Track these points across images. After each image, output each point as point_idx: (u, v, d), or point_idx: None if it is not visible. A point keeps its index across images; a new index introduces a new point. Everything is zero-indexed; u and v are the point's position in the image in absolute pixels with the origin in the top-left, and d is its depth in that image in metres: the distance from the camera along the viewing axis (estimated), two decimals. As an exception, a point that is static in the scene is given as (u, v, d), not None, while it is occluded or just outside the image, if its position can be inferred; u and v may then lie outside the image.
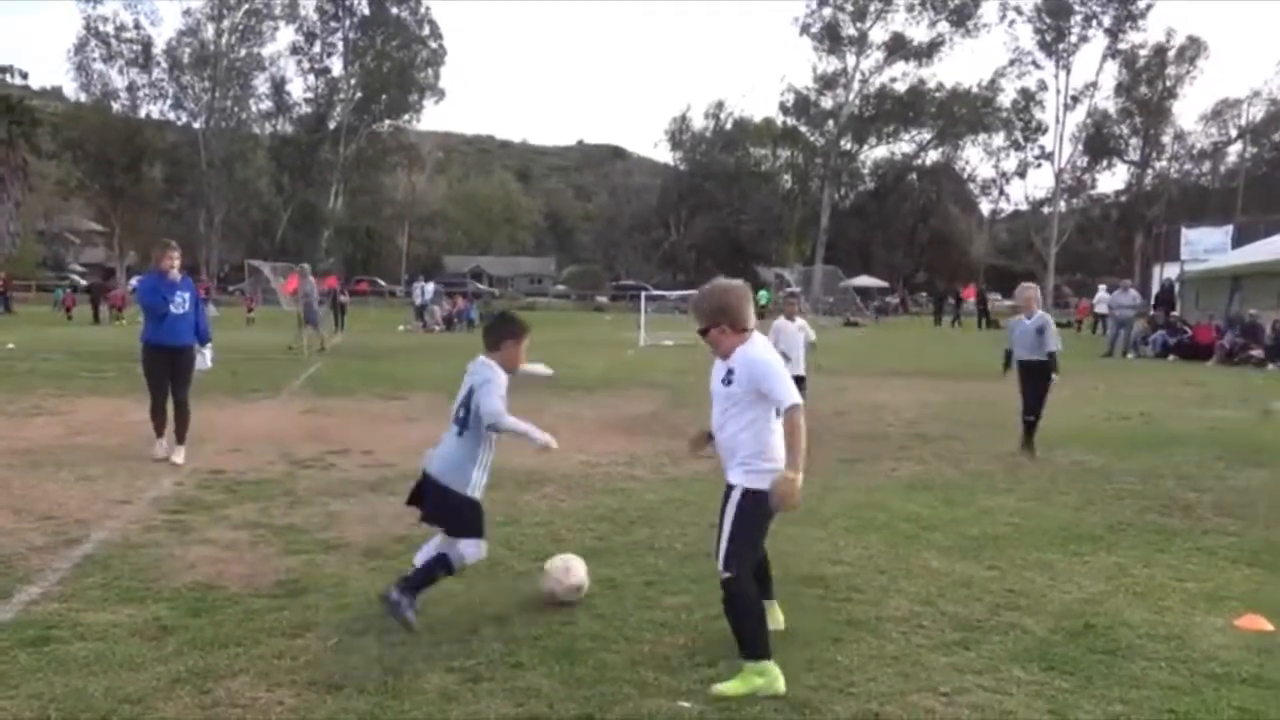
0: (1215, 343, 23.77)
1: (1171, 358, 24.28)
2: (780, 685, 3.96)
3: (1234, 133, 71.55)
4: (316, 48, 72.21)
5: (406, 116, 76.00)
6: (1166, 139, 72.40)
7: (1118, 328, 26.38)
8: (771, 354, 4.28)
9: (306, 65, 72.54)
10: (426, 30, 73.72)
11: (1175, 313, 27.81)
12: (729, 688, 3.95)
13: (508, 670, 4.13)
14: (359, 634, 4.51)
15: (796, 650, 4.40)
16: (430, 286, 39.63)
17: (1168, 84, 68.98)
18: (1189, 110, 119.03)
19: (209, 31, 67.74)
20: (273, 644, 4.37)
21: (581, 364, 19.51)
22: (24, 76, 56.65)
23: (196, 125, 68.76)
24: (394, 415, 12.52)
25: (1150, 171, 73.10)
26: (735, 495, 4.32)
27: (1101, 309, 32.59)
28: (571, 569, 5.09)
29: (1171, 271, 32.43)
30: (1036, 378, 9.82)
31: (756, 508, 4.23)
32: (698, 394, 12.52)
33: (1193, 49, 67.76)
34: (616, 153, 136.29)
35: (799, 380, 10.34)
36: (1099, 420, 12.62)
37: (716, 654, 4.33)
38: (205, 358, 9.45)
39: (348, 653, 4.29)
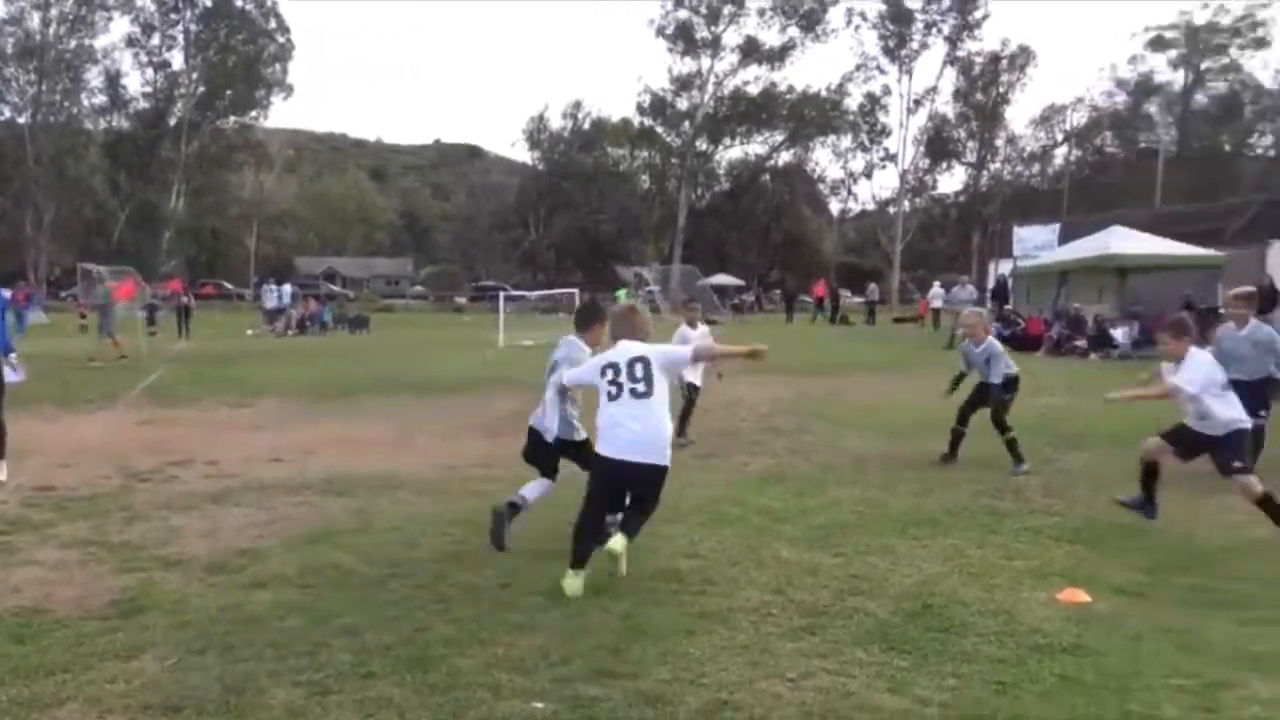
0: (1044, 334, 25.22)
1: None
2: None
3: (1060, 137, 76.06)
4: (155, 40, 68.62)
5: (253, 113, 72.98)
6: (1000, 142, 76.42)
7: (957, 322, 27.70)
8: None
9: (144, 58, 68.88)
10: (273, 23, 70.96)
11: (1009, 306, 29.40)
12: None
13: (358, 681, 4.04)
14: (199, 652, 4.34)
15: (651, 644, 4.46)
16: (287, 289, 38.30)
17: (1001, 90, 72.80)
18: (1020, 115, 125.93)
19: (34, 21, 63.54)
20: (105, 668, 4.16)
21: (440, 366, 19.24)
22: None
23: (21, 120, 64.35)
24: (241, 423, 12.05)
25: (986, 173, 76.96)
26: None
27: (937, 304, 34.13)
28: None
29: (1005, 267, 34.19)
30: (986, 397, 9.56)
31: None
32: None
33: (1023, 57, 71.70)
34: (474, 152, 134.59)
35: (692, 388, 10.38)
36: (939, 412, 13.19)
37: (571, 652, 4.35)
38: (13, 370, 8.80)
39: (187, 672, 4.12)
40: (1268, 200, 28.74)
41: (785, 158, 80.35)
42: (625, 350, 5.47)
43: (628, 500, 5.51)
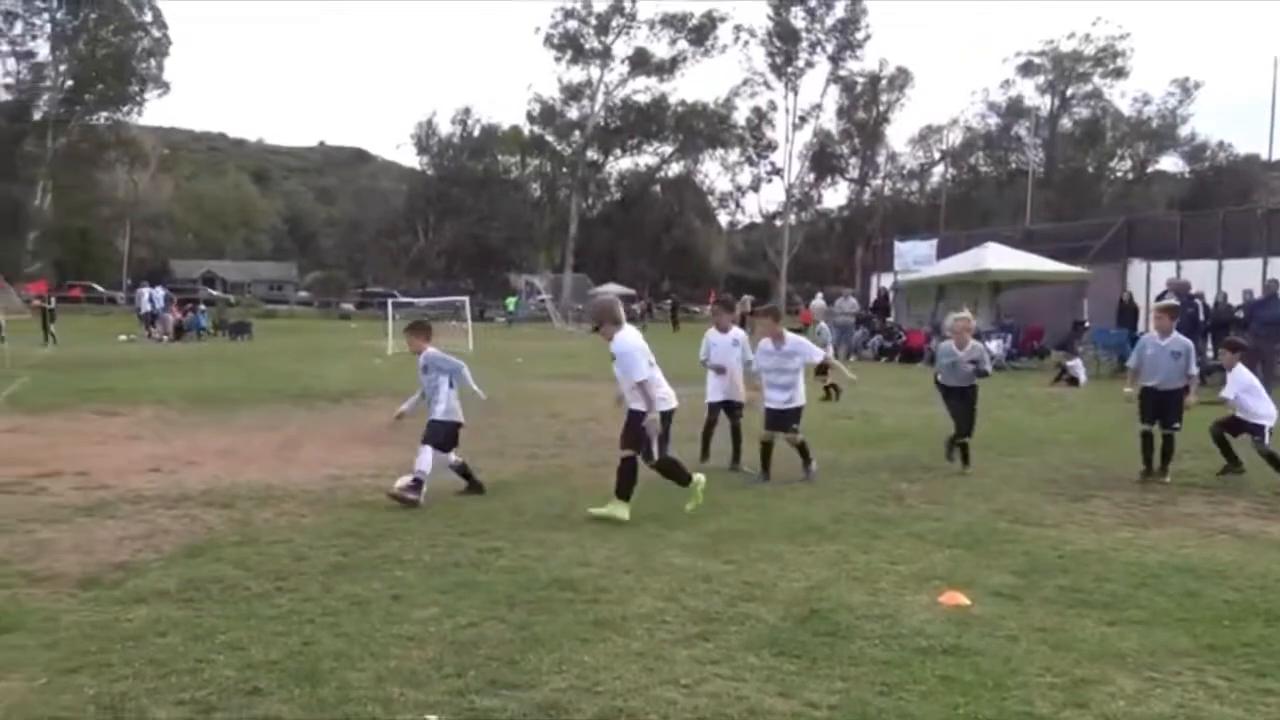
0: (925, 346, 26.11)
1: (883, 359, 26.46)
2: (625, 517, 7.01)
3: (937, 155, 78.98)
4: (18, 28, 65.13)
5: (125, 109, 69.97)
6: (881, 159, 79.04)
7: (840, 333, 28.46)
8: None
9: (6, 48, 65.31)
10: (149, 16, 68.24)
11: (890, 318, 30.35)
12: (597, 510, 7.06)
13: (244, 698, 3.92)
14: (72, 671, 4.13)
15: (545, 653, 4.45)
16: (160, 292, 36.76)
17: (881, 109, 75.27)
18: (900, 134, 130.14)
19: (-117, 4, 59.64)
20: (-33, 691, 3.92)
21: (326, 373, 18.79)
22: None
23: None
24: (114, 432, 11.53)
25: (868, 189, 79.47)
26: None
27: (817, 316, 34.97)
28: None
29: (886, 280, 35.31)
30: (968, 399, 9.70)
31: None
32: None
33: (902, 78, 74.30)
34: (360, 155, 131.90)
35: (731, 405, 9.70)
36: (823, 419, 13.53)
37: (465, 663, 4.30)
38: None
39: (58, 693, 3.92)
40: (1127, 220, 30.40)
41: (675, 169, 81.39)
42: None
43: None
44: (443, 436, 8.00)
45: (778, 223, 76.26)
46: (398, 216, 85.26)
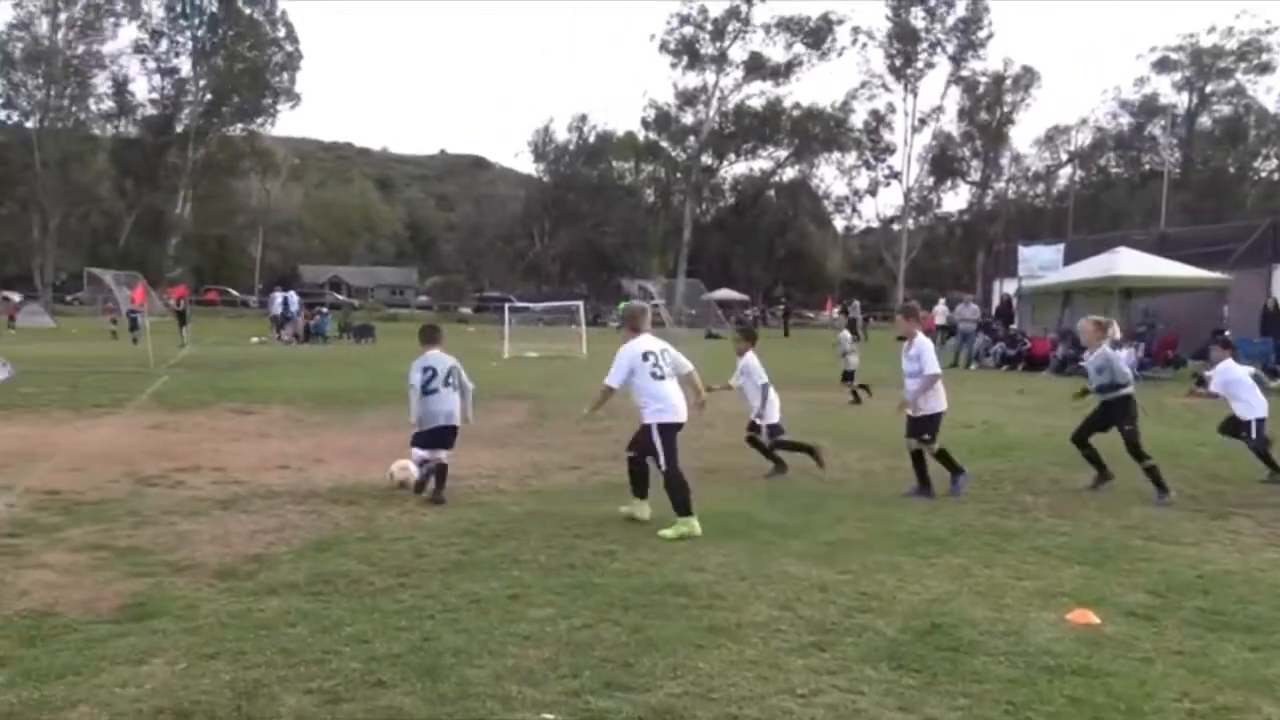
0: (1050, 354, 25.22)
1: (1005, 367, 25.65)
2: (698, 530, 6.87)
3: (1064, 157, 76.26)
4: (163, 46, 68.89)
5: (260, 120, 73.27)
6: (1004, 161, 76.69)
7: (961, 340, 27.72)
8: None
9: (152, 65, 69.11)
10: (282, 32, 71.30)
11: (1014, 325, 29.40)
12: (668, 533, 6.82)
13: (368, 690, 4.04)
14: (210, 657, 4.34)
15: (660, 657, 4.46)
16: (293, 296, 38.39)
17: (1005, 110, 73.04)
18: (1024, 135, 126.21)
19: (43, 26, 63.80)
20: (116, 672, 4.16)
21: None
22: None
23: (29, 125, 64.54)
24: (247, 430, 12.07)
25: (990, 192, 77.20)
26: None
27: (941, 320, 34.15)
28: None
29: (1009, 287, 34.21)
30: (1113, 411, 9.07)
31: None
32: (563, 405, 12.54)
33: (1027, 78, 71.98)
34: (479, 163, 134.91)
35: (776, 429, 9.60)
36: (944, 429, 13.19)
37: (580, 664, 4.34)
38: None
39: (198, 677, 4.12)
40: (1273, 223, 28.70)
41: (790, 173, 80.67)
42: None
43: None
44: (426, 436, 8.24)
45: (895, 227, 74.80)
46: (514, 222, 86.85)
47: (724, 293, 63.86)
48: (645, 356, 7.30)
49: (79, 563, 5.85)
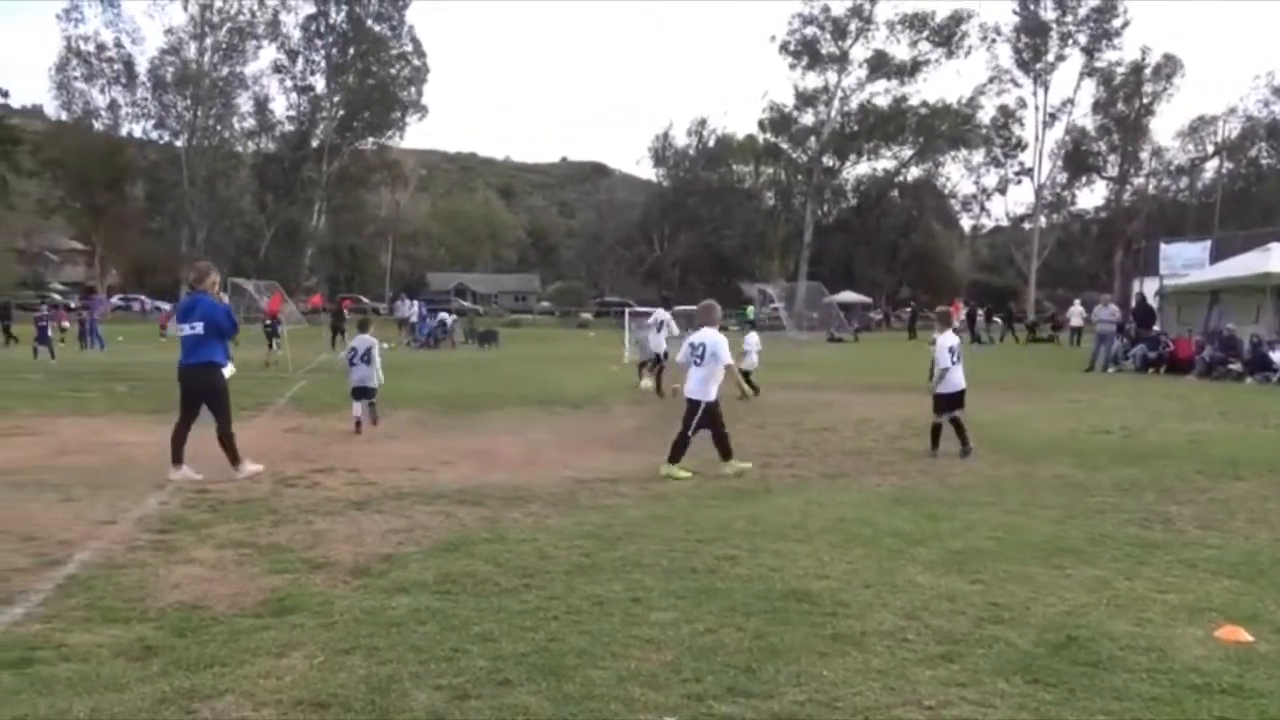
0: (1195, 357, 23.98)
1: (1150, 371, 24.49)
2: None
3: (1211, 149, 72.39)
4: (299, 65, 72.15)
5: (389, 133, 75.96)
6: (1144, 155, 73.31)
7: (1098, 342, 26.59)
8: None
9: (289, 84, 72.48)
10: (409, 46, 73.80)
11: (1156, 327, 28.03)
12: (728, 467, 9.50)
13: (495, 688, 4.13)
14: (345, 652, 4.51)
15: (783, 664, 4.42)
16: (416, 304, 39.81)
17: (1144, 101, 69.85)
18: (1166, 127, 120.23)
19: (191, 50, 67.61)
20: (259, 664, 4.36)
21: (567, 380, 19.54)
22: (4, 95, 56.47)
23: (178, 144, 68.47)
24: (378, 433, 12.50)
25: (1129, 188, 73.92)
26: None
27: (1077, 322, 32.90)
28: None
29: (1150, 286, 32.64)
30: None
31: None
32: (682, 408, 12.55)
33: (1169, 67, 68.68)
34: (599, 169, 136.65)
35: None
36: (1080, 434, 12.72)
37: (703, 669, 4.34)
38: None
39: (334, 671, 4.29)
40: None
41: (914, 173, 78.97)
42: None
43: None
44: (355, 392, 12.79)
45: (1026, 226, 72.38)
46: (634, 228, 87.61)
47: (846, 295, 62.91)
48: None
49: (225, 558, 6.16)
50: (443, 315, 40.24)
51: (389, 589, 5.53)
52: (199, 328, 8.87)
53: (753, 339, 17.19)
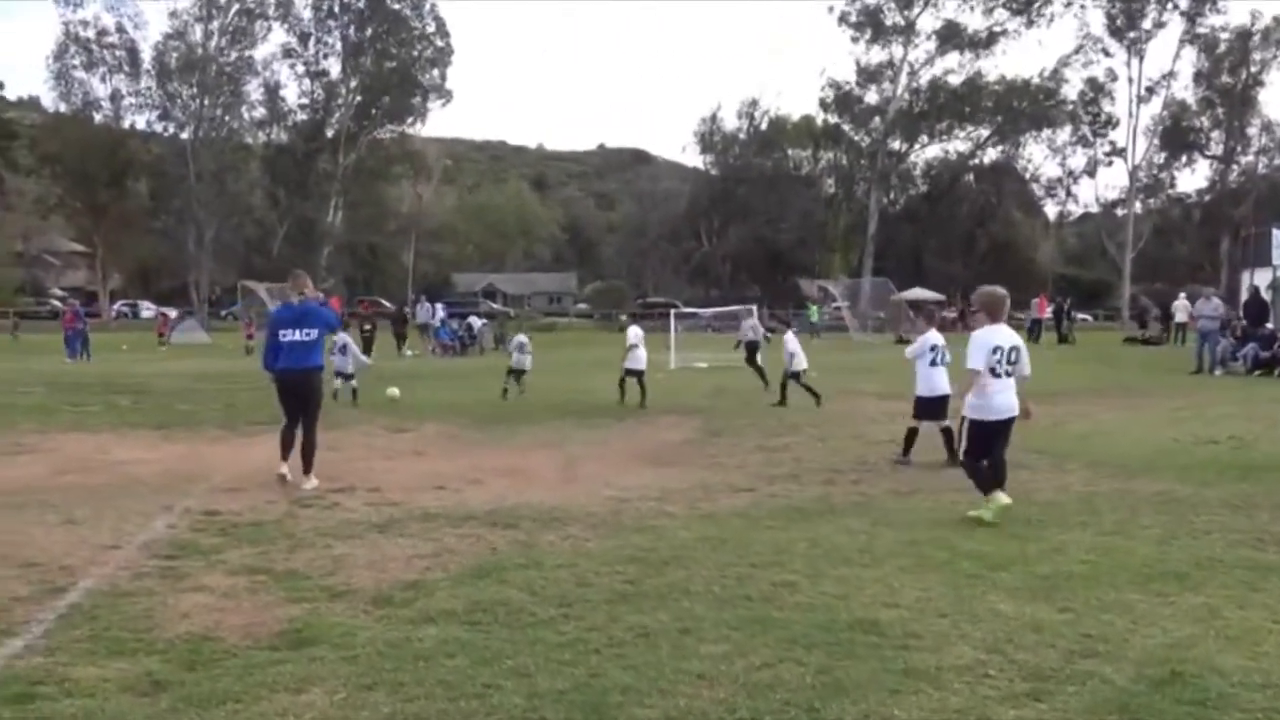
0: (1314, 356, 23.47)
1: (1262, 373, 24.01)
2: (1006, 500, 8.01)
3: (1331, 122, 70.95)
4: (312, 48, 73.16)
5: (410, 120, 76.73)
6: (1253, 131, 72.03)
7: (1201, 341, 26.11)
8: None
9: (301, 69, 73.54)
10: (431, 26, 74.55)
11: (1269, 324, 27.47)
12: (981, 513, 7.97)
13: (531, 727, 4.16)
14: (368, 688, 4.56)
15: (849, 703, 4.39)
16: (440, 307, 40.22)
17: (1253, 70, 68.62)
18: (1277, 99, 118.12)
19: (197, 34, 68.88)
20: (275, 700, 4.42)
21: (605, 389, 19.56)
22: (-1, 86, 57.80)
23: (184, 136, 69.79)
24: (401, 448, 12.64)
25: (1235, 167, 72.65)
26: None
27: (1181, 318, 32.38)
28: None
29: (1263, 278, 32.03)
30: None
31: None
32: (734, 419, 12.56)
33: (1280, 31, 67.42)
34: (640, 157, 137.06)
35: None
36: (1184, 445, 12.52)
37: (760, 708, 4.33)
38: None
39: (356, 709, 4.33)
40: None
41: (991, 155, 78.21)
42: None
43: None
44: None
45: (1119, 212, 71.44)
46: (679, 220, 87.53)
47: (916, 292, 62.40)
48: (995, 350, 8.18)
49: (238, 586, 6.26)
50: (470, 319, 40.58)
51: (415, 619, 5.58)
52: (313, 333, 9.96)
53: (792, 340, 17.66)
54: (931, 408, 11.28)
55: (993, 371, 8.20)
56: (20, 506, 8.66)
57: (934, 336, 11.53)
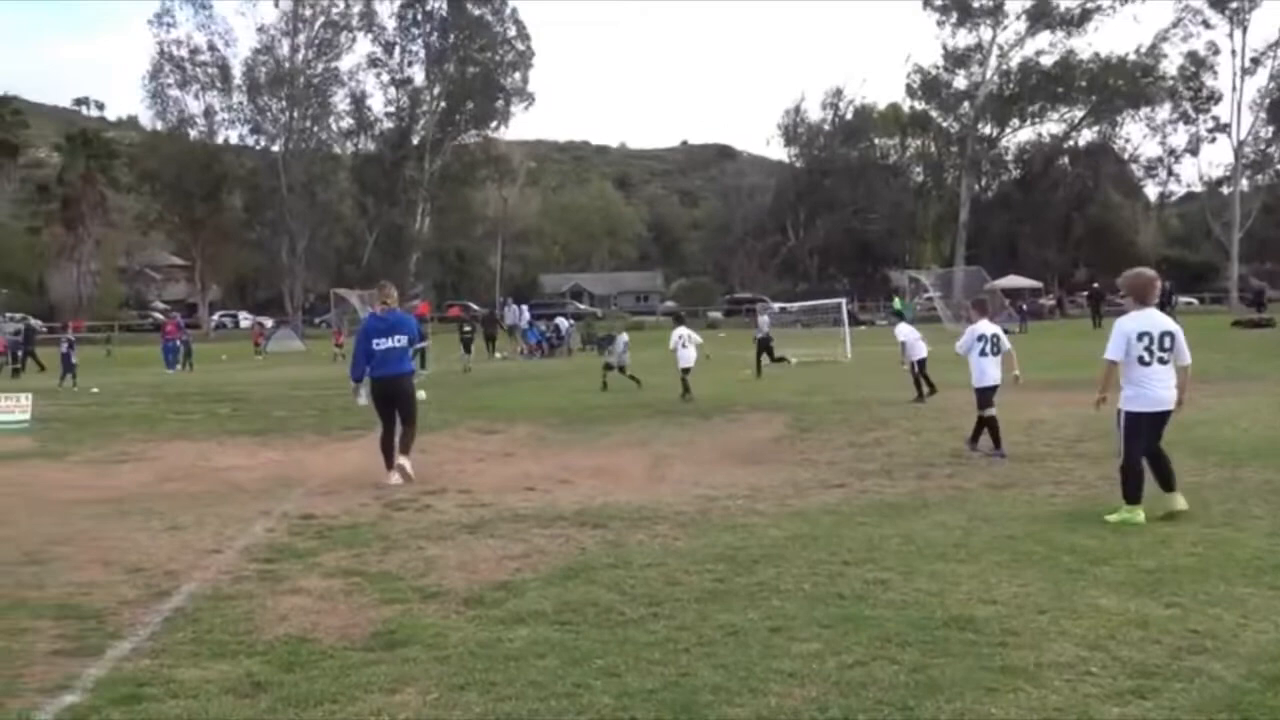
0: None
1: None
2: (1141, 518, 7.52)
3: None
4: (396, 57, 74.55)
5: (493, 124, 77.68)
6: (1372, 100, 68.95)
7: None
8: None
9: (386, 78, 74.98)
10: (512, 30, 75.45)
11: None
12: (1113, 517, 7.55)
13: (623, 727, 4.18)
14: (460, 688, 4.63)
15: (944, 701, 4.33)
16: (525, 310, 40.72)
17: (1369, 35, 65.76)
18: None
19: (284, 48, 70.68)
20: (370, 700, 4.52)
21: (695, 387, 19.58)
22: (100, 108, 60.28)
23: (275, 148, 71.72)
24: (491, 450, 12.81)
25: (1352, 139, 69.67)
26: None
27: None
28: None
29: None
30: None
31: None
32: (824, 416, 12.48)
33: (1396, -7, 64.56)
34: (724, 152, 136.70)
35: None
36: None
37: (853, 707, 4.29)
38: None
39: (450, 709, 4.41)
40: None
41: (1087, 136, 76.31)
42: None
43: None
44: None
45: (1225, 190, 69.11)
46: (765, 215, 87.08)
47: (1011, 280, 61.19)
48: (1140, 337, 7.61)
49: (333, 588, 6.41)
50: (558, 320, 40.96)
51: (505, 619, 5.65)
52: (403, 340, 10.50)
53: (905, 330, 17.83)
54: (982, 397, 11.41)
55: (1141, 360, 7.58)
56: (126, 513, 8.99)
57: (983, 326, 11.65)
